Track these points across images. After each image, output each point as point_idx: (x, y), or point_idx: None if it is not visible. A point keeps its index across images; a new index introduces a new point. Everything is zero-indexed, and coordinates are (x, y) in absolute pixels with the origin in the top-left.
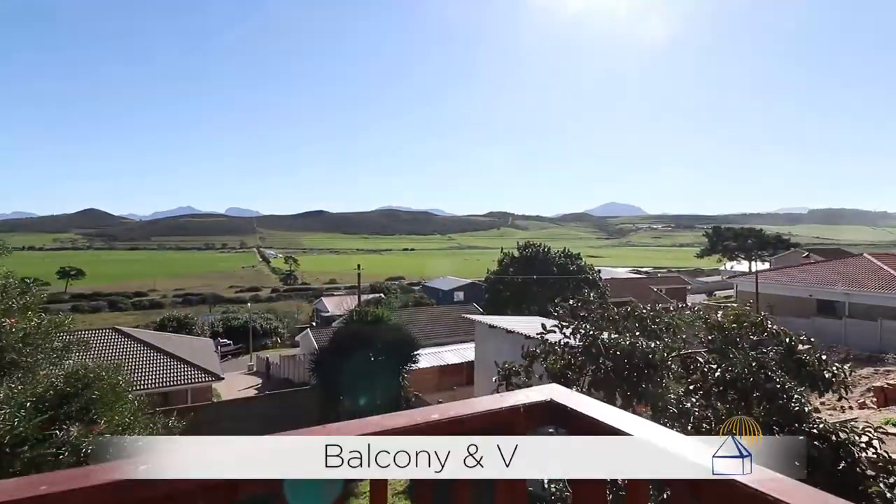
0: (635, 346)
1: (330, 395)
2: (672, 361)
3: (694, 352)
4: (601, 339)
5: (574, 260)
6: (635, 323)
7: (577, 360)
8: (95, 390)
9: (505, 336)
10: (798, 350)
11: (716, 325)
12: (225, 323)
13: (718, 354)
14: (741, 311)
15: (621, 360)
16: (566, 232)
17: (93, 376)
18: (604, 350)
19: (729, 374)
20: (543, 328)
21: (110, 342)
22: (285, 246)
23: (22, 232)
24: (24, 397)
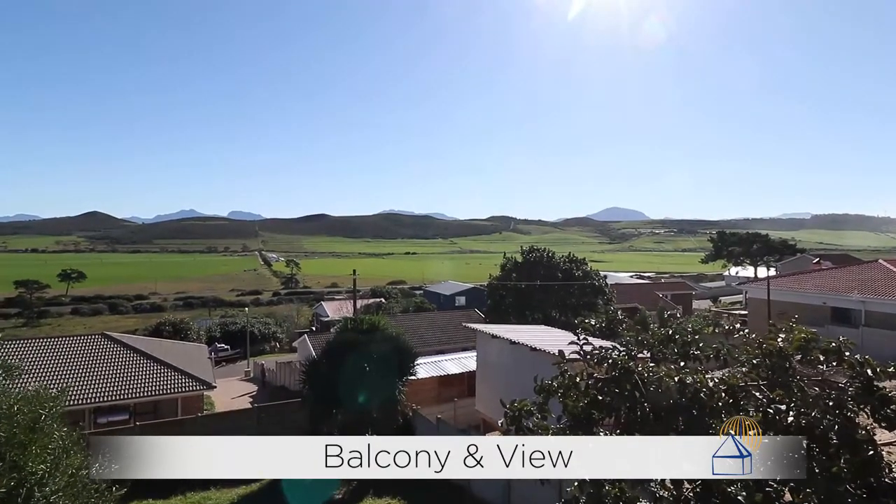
0: (685, 382)
1: (322, 408)
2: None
3: (750, 385)
4: (637, 371)
5: (579, 265)
6: (675, 348)
7: (604, 396)
8: (1, 430)
9: (508, 347)
10: (877, 385)
11: (774, 351)
12: (223, 328)
13: (781, 389)
14: (808, 334)
15: (664, 399)
16: (568, 236)
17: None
18: (641, 385)
19: (804, 417)
20: (561, 356)
21: (98, 349)
22: (287, 249)
23: (25, 234)
24: None
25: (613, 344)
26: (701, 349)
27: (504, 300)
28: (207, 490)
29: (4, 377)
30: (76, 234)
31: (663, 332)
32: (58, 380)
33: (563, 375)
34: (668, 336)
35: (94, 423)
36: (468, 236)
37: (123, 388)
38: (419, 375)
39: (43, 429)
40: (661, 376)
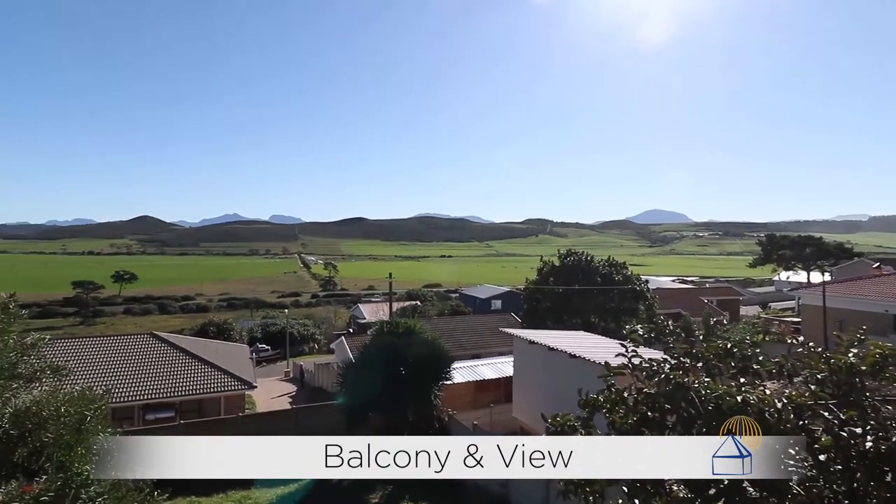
0: (748, 401)
1: (358, 411)
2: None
3: (819, 404)
4: (693, 387)
5: (620, 269)
6: (733, 362)
7: (655, 412)
8: (49, 431)
9: (546, 353)
10: None
11: (844, 366)
12: (264, 328)
13: (852, 408)
14: (884, 348)
15: (724, 419)
16: (607, 239)
17: (46, 414)
18: (699, 402)
19: (884, 442)
20: (607, 369)
21: (148, 348)
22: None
23: (82, 237)
24: None
25: (664, 356)
26: (762, 364)
27: (541, 304)
28: (248, 489)
29: (52, 378)
30: (128, 238)
31: (721, 344)
32: (110, 377)
33: (610, 389)
34: (727, 349)
35: (143, 420)
36: (504, 239)
37: (170, 386)
38: (455, 380)
39: (89, 429)
40: (720, 393)
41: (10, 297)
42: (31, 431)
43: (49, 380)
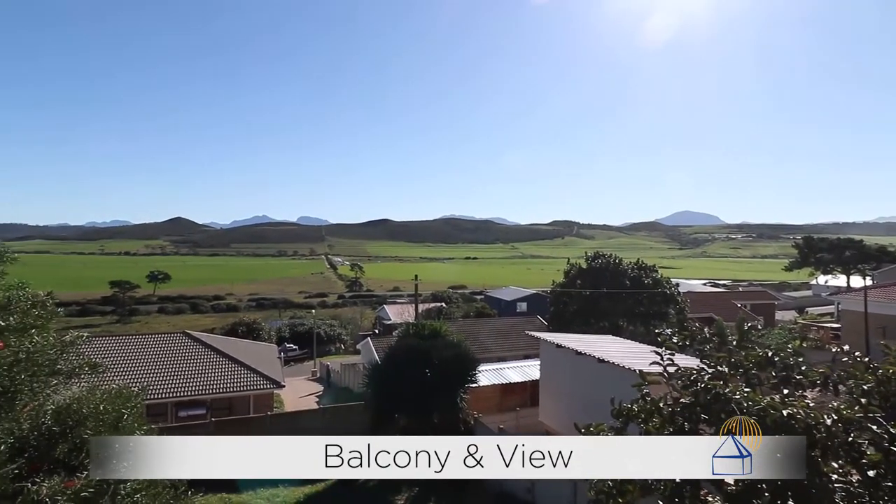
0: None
1: (384, 413)
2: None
3: (868, 417)
4: (734, 398)
5: (649, 272)
6: (774, 371)
7: (692, 424)
8: (88, 427)
9: (574, 358)
10: None
11: (894, 378)
12: (291, 328)
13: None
14: None
15: (767, 432)
16: (635, 241)
17: (86, 411)
18: (740, 414)
19: None
20: (642, 377)
21: (180, 346)
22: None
23: (119, 238)
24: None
25: (701, 364)
26: (804, 374)
27: (568, 308)
28: (276, 487)
29: (91, 375)
30: (162, 239)
31: (761, 352)
32: (144, 374)
33: (645, 399)
34: (768, 358)
35: (176, 417)
36: (529, 241)
37: (202, 384)
38: (481, 383)
39: (126, 427)
40: (763, 406)
41: (48, 295)
42: (71, 428)
43: (87, 376)
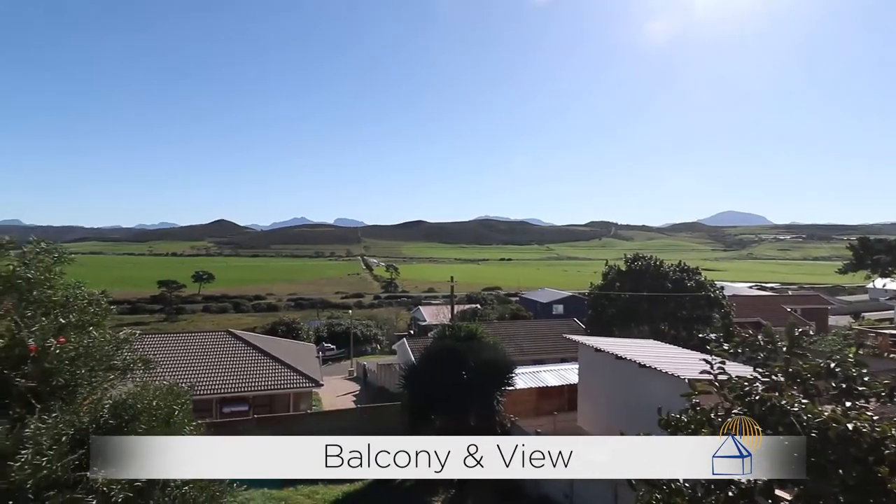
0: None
1: (421, 413)
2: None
3: None
4: (792, 411)
5: (692, 274)
6: (834, 382)
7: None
8: (142, 423)
9: (613, 362)
10: None
11: None
12: (329, 328)
13: None
14: None
15: (829, 448)
16: (676, 243)
17: (141, 407)
18: (800, 428)
19: None
20: (692, 386)
21: (224, 344)
22: (387, 255)
23: (167, 240)
24: (60, 430)
25: (754, 374)
26: (867, 384)
27: (606, 311)
28: (315, 485)
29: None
30: (207, 240)
31: (821, 362)
32: (191, 371)
33: (695, 408)
34: (828, 368)
35: (220, 413)
36: (565, 242)
37: (245, 381)
38: (517, 386)
39: (176, 422)
40: (824, 419)
41: (102, 294)
42: (127, 422)
43: (140, 372)
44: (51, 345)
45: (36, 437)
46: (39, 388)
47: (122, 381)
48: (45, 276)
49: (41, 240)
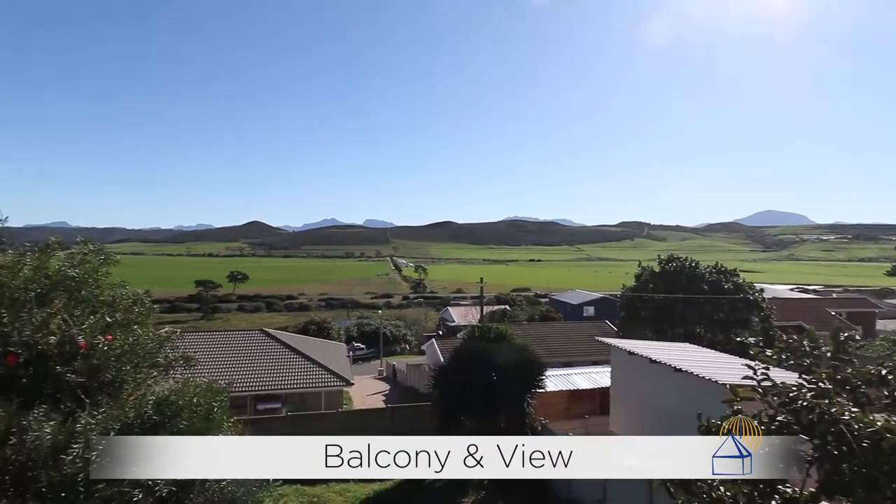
0: None
1: (450, 414)
2: None
3: None
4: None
5: (729, 276)
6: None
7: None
8: (184, 419)
9: (647, 365)
10: None
11: None
12: (359, 328)
13: None
14: None
15: (883, 459)
16: (712, 243)
17: (182, 403)
18: (851, 437)
19: None
20: (733, 392)
21: (258, 342)
22: (415, 255)
23: (204, 241)
24: (108, 425)
25: (800, 380)
26: None
27: (639, 313)
28: (347, 483)
29: (184, 368)
30: (241, 241)
31: (873, 369)
32: (227, 368)
33: (737, 415)
34: (880, 376)
35: (254, 410)
36: (596, 243)
37: (278, 379)
38: (548, 388)
39: (215, 419)
40: (877, 429)
41: (145, 294)
42: (169, 418)
43: (181, 370)
44: (98, 342)
45: (86, 431)
46: (88, 384)
47: (165, 378)
48: (92, 277)
49: (88, 240)
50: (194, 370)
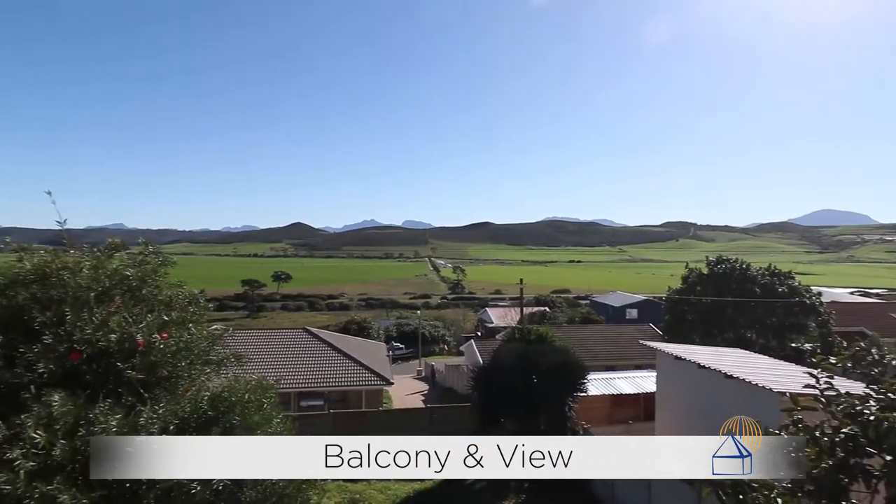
0: None
1: (490, 416)
2: None
3: None
4: None
5: (784, 279)
6: None
7: (856, 457)
8: (236, 414)
9: (696, 371)
10: None
11: None
12: (398, 328)
13: None
14: None
15: None
16: (764, 244)
17: (235, 399)
18: None
19: None
20: (794, 401)
21: (301, 341)
22: (453, 256)
23: (249, 242)
24: (168, 420)
25: (867, 391)
26: None
27: (685, 316)
28: (388, 481)
29: (235, 365)
30: (284, 242)
31: None
32: (272, 365)
33: (797, 425)
34: None
35: (297, 406)
36: (639, 244)
37: (320, 377)
38: (589, 392)
39: (266, 414)
40: None
41: (200, 293)
42: (223, 413)
43: (232, 367)
44: (155, 340)
45: (148, 425)
46: (146, 380)
47: (217, 375)
48: (151, 277)
49: (148, 242)
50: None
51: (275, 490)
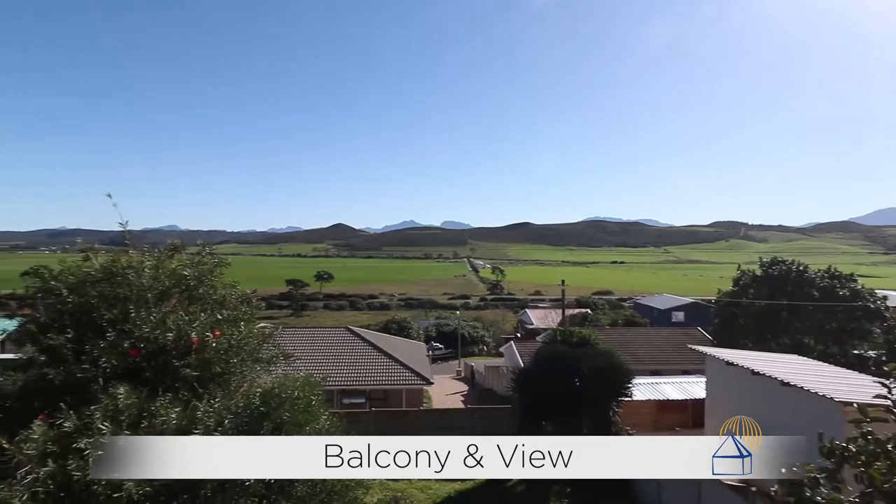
0: None
1: (532, 419)
2: None
3: None
4: None
5: (845, 282)
6: None
7: None
8: (286, 410)
9: (749, 378)
10: None
11: None
12: (437, 328)
13: None
14: None
15: None
16: (822, 245)
17: (285, 396)
18: None
19: None
20: (863, 412)
21: (343, 339)
22: (493, 257)
23: (293, 242)
24: (223, 415)
25: None
26: None
27: (736, 320)
28: (429, 479)
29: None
30: (326, 242)
31: None
32: (315, 363)
33: (866, 437)
34: None
35: (340, 404)
36: (685, 244)
37: (362, 375)
38: (634, 397)
39: (314, 411)
40: None
41: (253, 293)
42: (273, 409)
43: (281, 365)
44: (208, 338)
45: (205, 418)
46: (201, 376)
47: (267, 372)
48: (207, 277)
49: (206, 243)
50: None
51: (324, 486)
